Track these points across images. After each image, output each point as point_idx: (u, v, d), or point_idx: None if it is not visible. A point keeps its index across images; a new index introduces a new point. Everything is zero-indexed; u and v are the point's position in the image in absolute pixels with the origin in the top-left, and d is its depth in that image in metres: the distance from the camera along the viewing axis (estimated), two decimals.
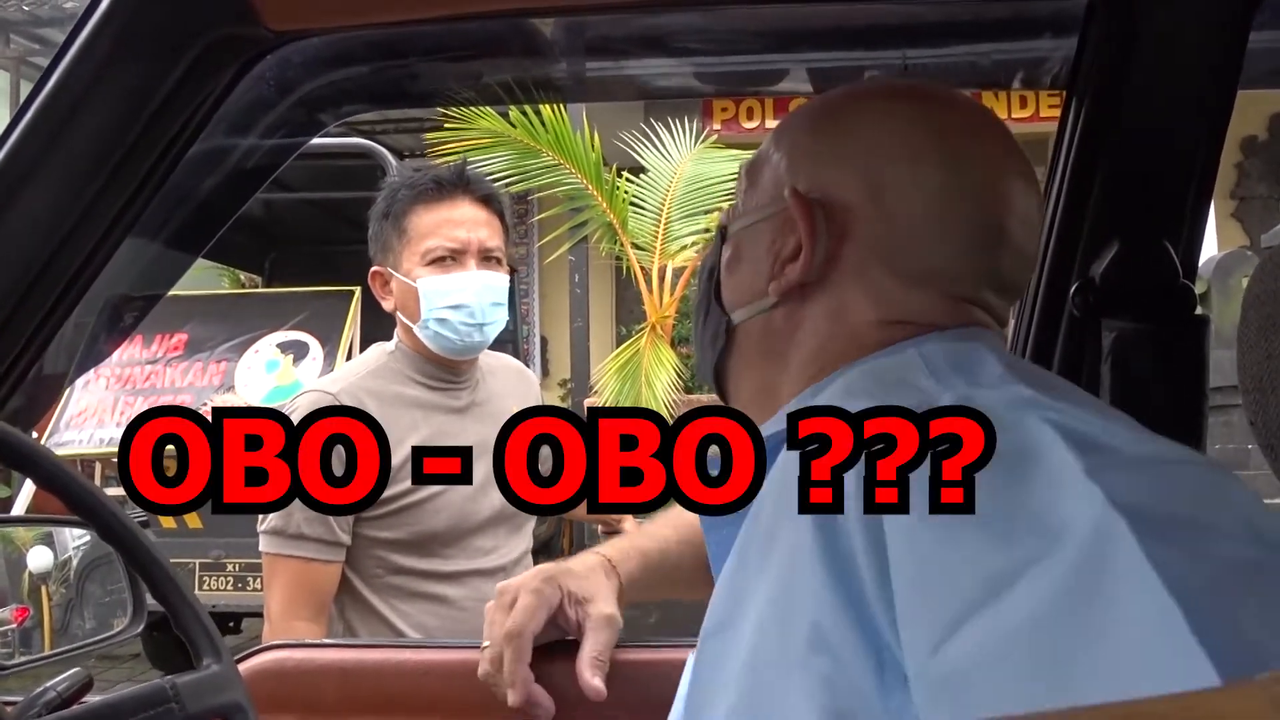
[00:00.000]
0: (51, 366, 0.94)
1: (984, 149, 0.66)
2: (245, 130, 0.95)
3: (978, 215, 0.64)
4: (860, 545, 0.47)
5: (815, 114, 0.70)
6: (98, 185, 0.82)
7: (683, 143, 4.67)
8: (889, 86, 0.72)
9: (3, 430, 0.70)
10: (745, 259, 0.69)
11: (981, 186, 0.65)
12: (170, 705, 0.71)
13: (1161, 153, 0.94)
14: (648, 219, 4.57)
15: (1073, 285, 0.94)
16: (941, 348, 0.59)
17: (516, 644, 0.89)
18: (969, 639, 0.40)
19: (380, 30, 0.90)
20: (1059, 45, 0.98)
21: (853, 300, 0.64)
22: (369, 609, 1.55)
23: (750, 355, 0.70)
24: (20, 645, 1.22)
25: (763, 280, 0.67)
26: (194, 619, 0.75)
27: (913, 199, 0.64)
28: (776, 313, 0.67)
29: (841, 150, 0.66)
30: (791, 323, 0.67)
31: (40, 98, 0.79)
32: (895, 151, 0.65)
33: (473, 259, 1.59)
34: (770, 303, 0.67)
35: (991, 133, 0.68)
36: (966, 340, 0.62)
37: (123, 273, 0.95)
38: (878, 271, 0.64)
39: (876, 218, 0.64)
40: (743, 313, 0.69)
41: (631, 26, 1.02)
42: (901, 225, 0.64)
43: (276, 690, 0.94)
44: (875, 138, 0.66)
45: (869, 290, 0.64)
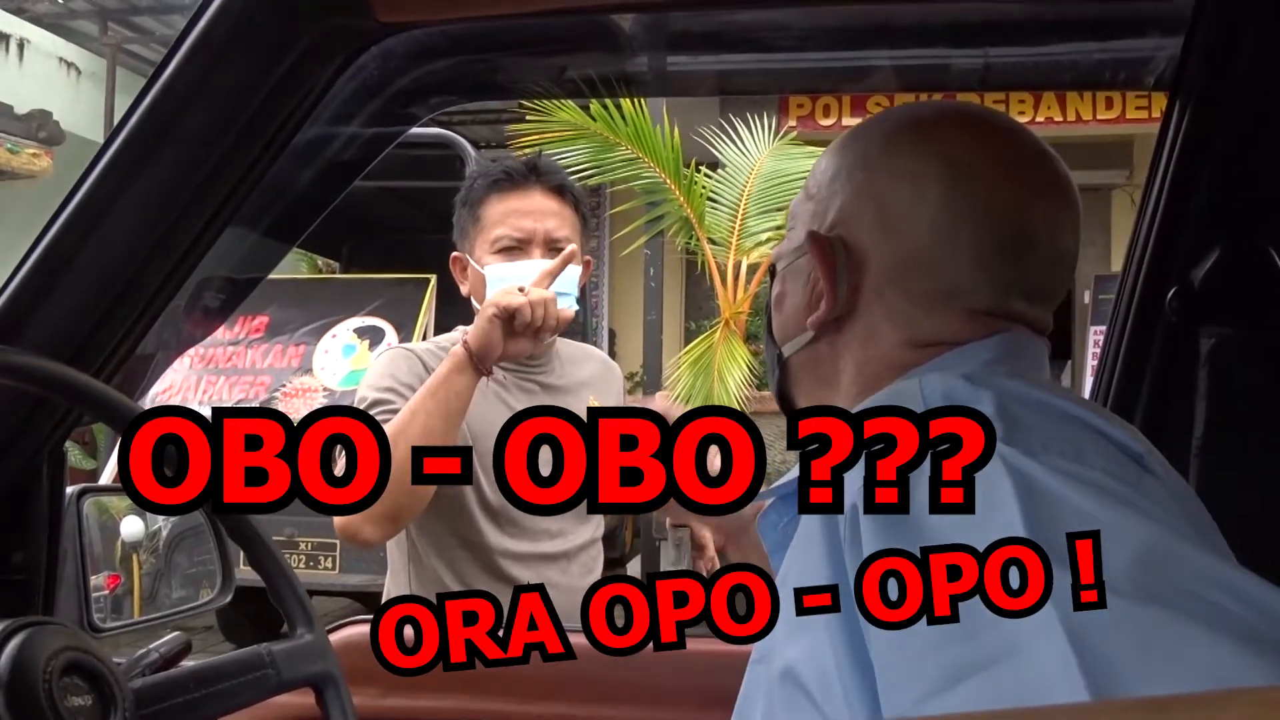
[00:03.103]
0: (146, 347, 0.97)
1: (993, 162, 0.66)
2: (345, 121, 0.98)
3: (990, 229, 0.65)
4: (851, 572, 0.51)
5: (831, 155, 0.74)
6: (205, 174, 0.85)
7: (760, 138, 4.65)
8: (894, 116, 0.73)
9: (120, 401, 0.73)
10: (788, 296, 0.74)
11: (991, 200, 0.65)
12: (267, 671, 0.74)
13: (1267, 156, 0.91)
14: (724, 214, 4.56)
15: (1170, 291, 0.92)
16: (941, 379, 0.60)
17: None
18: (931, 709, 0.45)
19: (472, 24, 0.91)
20: (1163, 45, 0.95)
21: (879, 326, 0.68)
22: (435, 579, 1.58)
23: (805, 382, 0.75)
24: (111, 611, 1.27)
25: (802, 316, 0.72)
26: (290, 591, 0.78)
27: (919, 221, 0.66)
28: (819, 344, 0.71)
29: (851, 186, 0.70)
30: (833, 352, 0.71)
31: (154, 89, 0.82)
32: (898, 178, 0.67)
33: (538, 248, 1.61)
34: (809, 337, 0.71)
35: (1003, 143, 0.68)
36: (979, 359, 0.63)
37: (222, 259, 0.98)
38: (895, 296, 0.67)
39: (887, 245, 0.67)
40: (790, 346, 0.74)
41: (711, 22, 1.02)
42: (910, 248, 0.66)
43: (363, 662, 0.97)
44: (880, 167, 0.69)
45: (891, 315, 0.67)
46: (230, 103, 0.82)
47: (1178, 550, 0.46)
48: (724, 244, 4.53)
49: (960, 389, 0.57)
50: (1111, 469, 0.52)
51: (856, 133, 0.74)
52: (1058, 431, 0.54)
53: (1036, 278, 0.66)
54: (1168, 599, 0.43)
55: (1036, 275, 0.66)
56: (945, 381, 0.59)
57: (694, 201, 4.50)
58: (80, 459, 5.98)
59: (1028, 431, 0.52)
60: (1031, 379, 0.61)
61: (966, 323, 0.65)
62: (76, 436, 4.60)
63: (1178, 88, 0.93)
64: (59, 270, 0.84)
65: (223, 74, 0.81)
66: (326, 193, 1.08)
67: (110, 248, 0.85)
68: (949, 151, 0.66)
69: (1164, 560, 0.45)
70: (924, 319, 0.66)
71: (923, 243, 0.65)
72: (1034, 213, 0.66)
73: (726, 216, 4.56)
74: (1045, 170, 0.67)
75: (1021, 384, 0.59)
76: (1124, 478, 0.51)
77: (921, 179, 0.66)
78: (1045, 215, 0.66)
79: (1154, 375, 0.94)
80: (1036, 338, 0.67)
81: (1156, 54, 0.97)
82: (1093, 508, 0.47)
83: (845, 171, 0.71)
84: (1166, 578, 0.44)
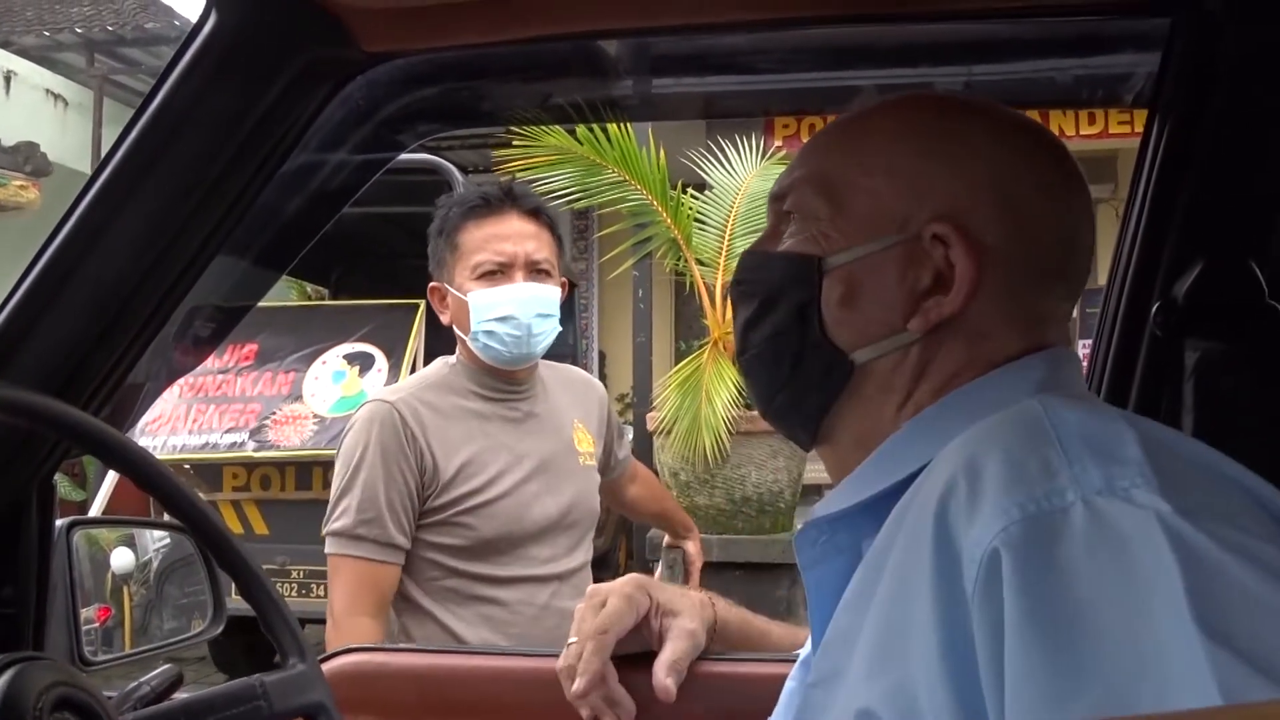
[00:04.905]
0: (137, 377, 0.97)
1: (1065, 156, 0.67)
2: (332, 149, 0.98)
3: (1065, 224, 0.66)
4: (979, 624, 0.47)
5: (913, 133, 0.67)
6: (194, 204, 0.85)
7: (747, 159, 4.67)
8: (978, 106, 0.72)
9: (109, 434, 0.73)
10: (867, 294, 0.65)
11: (1073, 194, 0.66)
12: (259, 703, 0.73)
13: (1247, 170, 0.92)
14: (711, 235, 4.57)
15: (1154, 305, 0.93)
16: (1069, 409, 0.54)
17: (599, 640, 0.91)
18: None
19: (458, 52, 0.92)
20: (1141, 62, 0.97)
21: (995, 328, 0.64)
22: (423, 612, 1.59)
23: (870, 393, 0.66)
24: (102, 644, 1.26)
25: (896, 315, 0.64)
26: (282, 621, 0.77)
27: (1048, 222, 0.64)
28: (913, 349, 0.64)
29: (968, 174, 0.64)
30: (925, 356, 0.64)
31: (142, 120, 0.82)
32: (1023, 174, 0.65)
33: (520, 272, 1.64)
34: (910, 339, 0.64)
35: (1065, 151, 0.69)
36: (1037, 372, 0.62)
37: (211, 287, 0.98)
38: (1019, 296, 0.64)
39: (1017, 242, 0.63)
40: (869, 351, 0.65)
41: (695, 46, 1.03)
42: (1038, 249, 0.64)
43: (355, 693, 0.96)
44: (1000, 158, 0.65)
45: (1011, 317, 0.64)
46: (218, 132, 0.82)
47: None
48: (712, 264, 4.54)
49: (1096, 424, 0.52)
50: (1266, 532, 0.47)
51: (936, 105, 0.71)
52: (1208, 486, 0.50)
53: (1076, 277, 0.67)
54: None
55: (1076, 274, 0.67)
56: (1074, 414, 0.53)
57: (681, 223, 4.51)
58: (70, 490, 5.94)
59: (1180, 485, 0.48)
60: (1152, 426, 0.56)
61: (1046, 325, 0.65)
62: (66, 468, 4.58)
63: (1157, 103, 0.94)
64: (48, 301, 0.83)
65: (210, 103, 0.81)
66: (315, 220, 1.09)
67: (99, 277, 0.85)
68: (1046, 142, 0.67)
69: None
70: (1037, 320, 0.65)
71: (1048, 244, 0.65)
72: (1084, 211, 0.67)
73: (714, 237, 4.57)
74: (1075, 169, 0.69)
75: (1155, 424, 0.55)
76: (1277, 541, 0.47)
77: (1044, 179, 0.65)
78: (1088, 213, 0.67)
79: (1140, 388, 0.95)
80: (1069, 348, 0.67)
81: (1135, 70, 0.99)
82: (1266, 591, 0.43)
83: (947, 158, 0.65)
84: None
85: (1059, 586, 0.45)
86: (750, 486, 4.24)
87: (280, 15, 0.79)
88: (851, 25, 0.94)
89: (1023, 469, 0.50)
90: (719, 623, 0.98)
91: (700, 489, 4.27)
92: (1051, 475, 0.49)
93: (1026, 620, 0.45)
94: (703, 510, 4.22)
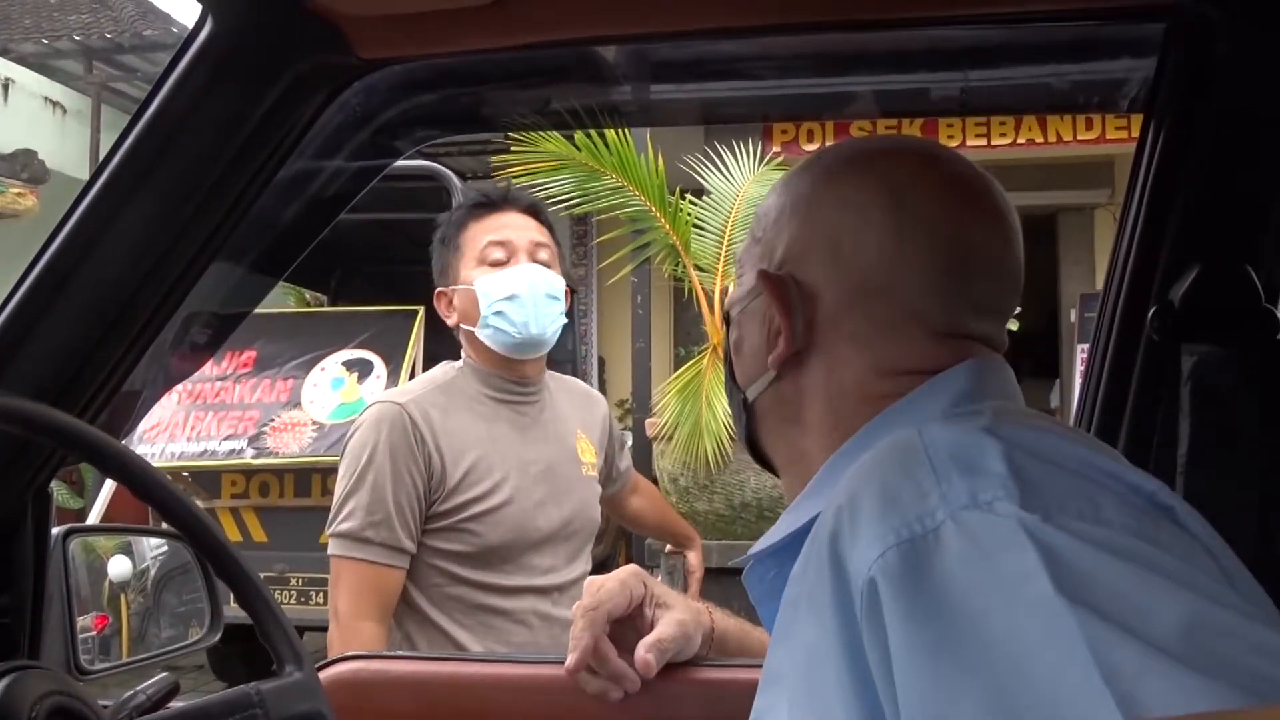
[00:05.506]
0: (133, 384, 0.97)
1: (933, 187, 0.68)
2: (330, 155, 0.98)
3: (934, 251, 0.66)
4: (870, 650, 0.50)
5: (774, 196, 0.75)
6: (190, 210, 0.85)
7: (745, 165, 4.68)
8: (834, 152, 0.75)
9: (105, 442, 0.73)
10: (746, 339, 0.75)
11: (934, 223, 0.67)
12: (255, 711, 0.73)
13: (1243, 175, 0.92)
14: (710, 240, 4.57)
15: (1151, 309, 0.93)
16: (944, 428, 0.57)
17: (590, 615, 0.94)
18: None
19: (455, 59, 0.92)
20: (1137, 67, 0.97)
21: (842, 355, 0.68)
22: (426, 620, 1.58)
23: (772, 425, 0.74)
24: (99, 652, 1.25)
25: (762, 356, 0.72)
26: (279, 629, 0.77)
27: (867, 248, 0.67)
28: (783, 384, 0.71)
29: (797, 222, 0.71)
30: (796, 389, 0.71)
31: (139, 126, 0.83)
32: (842, 208, 0.69)
33: (523, 254, 1.68)
34: (772, 376, 0.72)
35: (942, 170, 0.70)
36: (953, 389, 0.64)
37: (208, 294, 0.98)
38: (853, 323, 0.68)
39: (838, 274, 0.68)
40: (754, 389, 0.74)
41: (693, 52, 1.04)
42: (861, 275, 0.67)
43: (352, 700, 0.96)
44: (824, 200, 0.70)
45: (852, 342, 0.68)
46: (214, 138, 0.82)
47: (1220, 620, 0.44)
48: (710, 270, 4.54)
49: (964, 442, 0.55)
50: (1131, 524, 0.50)
51: (797, 172, 0.76)
52: (1072, 486, 0.52)
53: (984, 296, 0.68)
54: (1215, 672, 0.41)
55: (984, 293, 0.68)
56: (947, 433, 0.56)
57: (680, 228, 4.51)
58: (67, 498, 5.94)
59: (1041, 490, 0.50)
60: (1033, 421, 0.60)
61: (929, 346, 0.66)
62: (64, 475, 4.58)
63: (1152, 108, 0.95)
64: (43, 308, 0.83)
65: (206, 109, 0.82)
66: (312, 226, 1.09)
67: (96, 284, 0.85)
68: (890, 179, 0.68)
69: (1206, 633, 0.43)
70: (884, 344, 0.67)
71: (872, 269, 0.67)
72: (974, 233, 0.68)
73: (713, 243, 4.57)
74: (983, 194, 0.70)
75: (1029, 430, 0.57)
76: (1144, 533, 0.49)
77: (865, 207, 0.68)
78: (985, 235, 0.68)
79: (1137, 393, 0.95)
80: (999, 358, 0.69)
81: (1131, 76, 0.99)
82: (1126, 586, 0.46)
83: (789, 209, 0.72)
84: (1211, 650, 0.43)
85: (934, 603, 0.48)
86: (750, 492, 4.24)
87: (276, 21, 0.80)
88: (849, 31, 0.94)
89: (897, 496, 0.53)
90: (717, 632, 0.99)
91: (700, 495, 4.27)
92: (923, 496, 0.52)
93: (907, 641, 0.48)
94: (702, 516, 4.21)
